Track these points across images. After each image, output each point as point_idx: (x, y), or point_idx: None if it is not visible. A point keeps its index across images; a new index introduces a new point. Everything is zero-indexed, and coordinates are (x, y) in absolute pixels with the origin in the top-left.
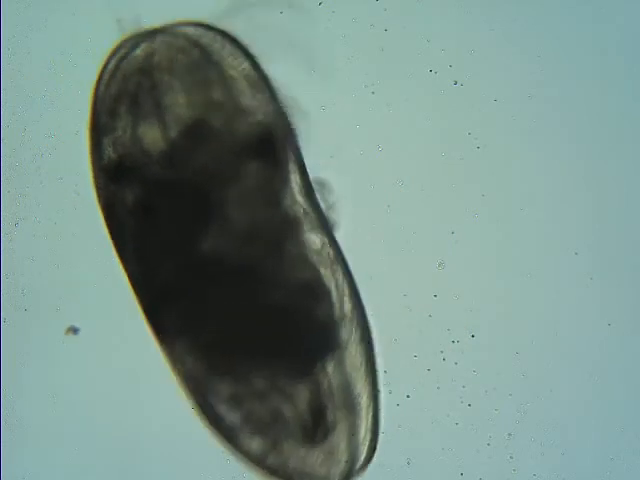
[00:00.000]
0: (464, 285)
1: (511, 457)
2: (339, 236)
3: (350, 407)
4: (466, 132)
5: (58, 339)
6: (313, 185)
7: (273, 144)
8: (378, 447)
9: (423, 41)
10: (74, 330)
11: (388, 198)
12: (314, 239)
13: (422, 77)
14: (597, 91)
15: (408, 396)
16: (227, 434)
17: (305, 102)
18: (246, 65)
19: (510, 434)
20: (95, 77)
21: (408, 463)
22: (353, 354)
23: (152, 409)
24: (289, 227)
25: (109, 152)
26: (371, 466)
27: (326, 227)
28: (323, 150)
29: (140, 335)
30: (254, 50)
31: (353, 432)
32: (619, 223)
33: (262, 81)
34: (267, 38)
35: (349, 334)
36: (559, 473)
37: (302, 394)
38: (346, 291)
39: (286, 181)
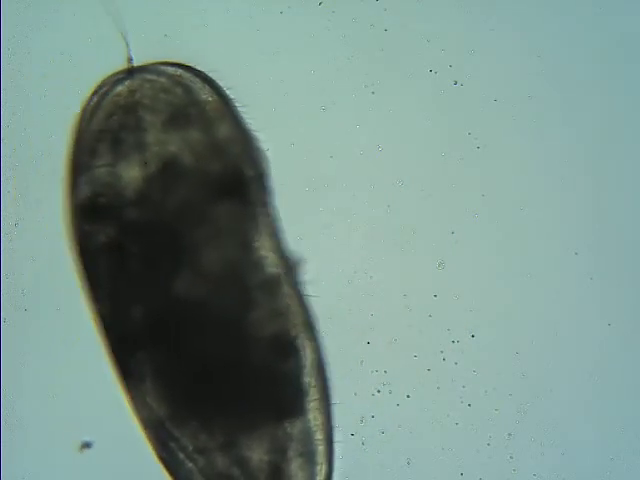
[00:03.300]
0: (464, 285)
1: (511, 457)
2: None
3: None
4: (466, 132)
5: (58, 339)
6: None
7: (245, 185)
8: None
9: (423, 41)
10: (87, 445)
11: (388, 198)
12: (287, 292)
13: (422, 77)
14: (597, 91)
15: (408, 396)
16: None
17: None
18: (225, 106)
19: (510, 434)
20: (78, 112)
21: (408, 463)
22: (314, 418)
23: None
24: (260, 274)
25: (85, 190)
26: (371, 466)
27: (298, 281)
28: (323, 150)
29: None
30: (233, 92)
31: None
32: (619, 223)
33: (238, 122)
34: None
35: (312, 398)
36: (559, 473)
37: (260, 449)
38: (312, 351)
39: (258, 223)
